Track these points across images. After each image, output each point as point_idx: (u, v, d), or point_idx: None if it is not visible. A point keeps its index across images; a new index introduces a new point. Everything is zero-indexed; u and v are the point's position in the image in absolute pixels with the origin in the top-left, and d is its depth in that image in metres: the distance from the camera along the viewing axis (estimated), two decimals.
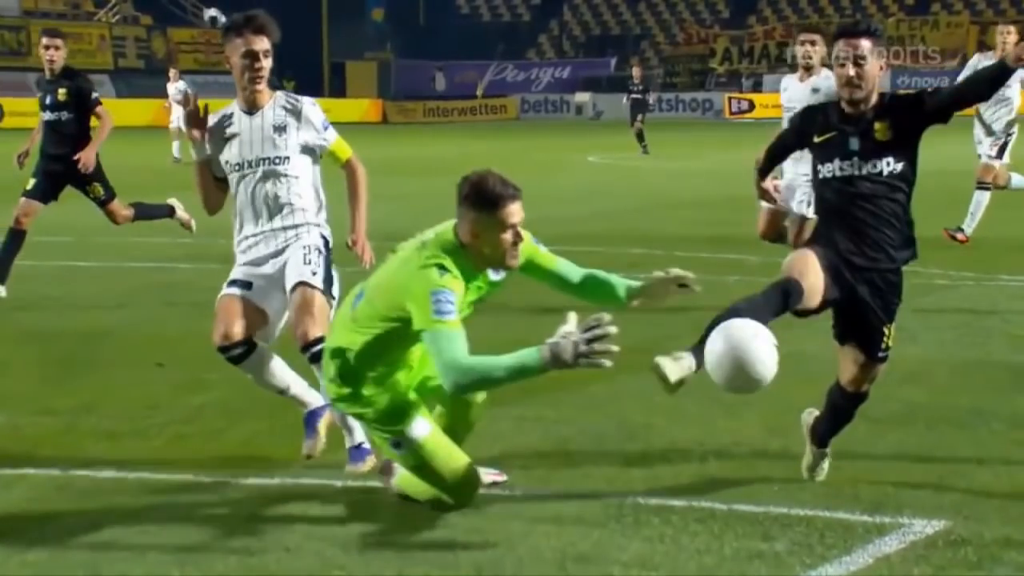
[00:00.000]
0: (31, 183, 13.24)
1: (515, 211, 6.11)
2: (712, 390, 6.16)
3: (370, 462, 7.21)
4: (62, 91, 13.06)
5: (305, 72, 73.67)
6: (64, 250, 16.46)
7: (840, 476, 6.85)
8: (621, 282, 6.61)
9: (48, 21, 70.59)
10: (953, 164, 23.14)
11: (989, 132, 16.66)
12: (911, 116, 6.55)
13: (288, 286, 7.31)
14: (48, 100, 13.16)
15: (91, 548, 6.04)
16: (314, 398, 7.47)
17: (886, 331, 6.62)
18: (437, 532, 6.22)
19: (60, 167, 13.17)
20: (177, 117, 32.35)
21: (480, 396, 6.58)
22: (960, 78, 17.22)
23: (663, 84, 76.65)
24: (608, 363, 5.72)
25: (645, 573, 5.66)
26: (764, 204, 12.66)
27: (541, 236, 6.49)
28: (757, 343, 5.86)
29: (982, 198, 16.59)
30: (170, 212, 13.99)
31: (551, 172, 31.61)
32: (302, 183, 7.45)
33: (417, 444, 6.26)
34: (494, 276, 6.30)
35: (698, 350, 6.00)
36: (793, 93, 12.49)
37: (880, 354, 6.67)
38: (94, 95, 13.28)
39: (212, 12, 70.90)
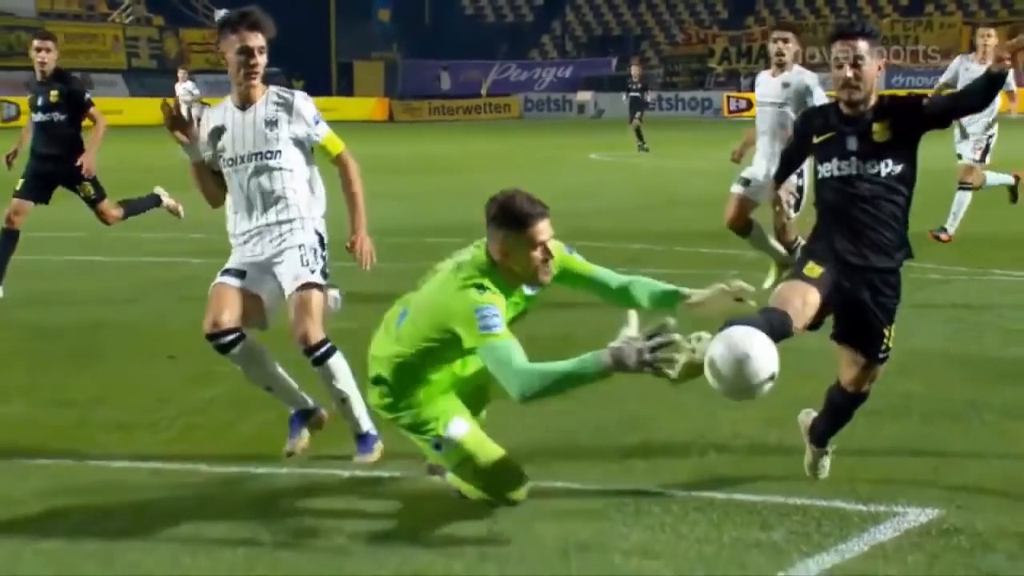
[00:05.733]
0: (20, 183, 13.07)
1: (543, 229, 5.98)
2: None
3: (378, 451, 7.20)
4: (54, 93, 12.90)
5: (313, 72, 73.70)
6: (77, 245, 16.46)
7: (836, 466, 6.83)
8: (667, 288, 6.33)
9: (63, 22, 70.71)
10: (935, 163, 23.11)
11: (964, 135, 16.53)
12: (910, 119, 6.41)
13: (287, 288, 7.22)
14: (40, 101, 12.99)
15: (104, 538, 6.03)
16: (301, 399, 7.41)
17: (886, 332, 6.51)
18: (442, 521, 6.21)
19: (51, 167, 13.02)
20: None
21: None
22: (942, 80, 17.29)
23: (663, 83, 76.56)
24: (672, 373, 5.54)
25: (646, 561, 5.65)
26: (734, 191, 12.66)
27: None
28: (756, 339, 5.78)
29: (964, 198, 16.56)
30: (157, 202, 13.91)
31: (554, 169, 31.61)
32: (295, 177, 7.30)
33: (455, 444, 6.19)
34: (529, 291, 6.21)
35: None
36: (765, 88, 12.58)
37: (880, 355, 6.56)
38: (87, 96, 13.18)
39: (223, 13, 70.98)
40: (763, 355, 5.66)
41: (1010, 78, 17.12)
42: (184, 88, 36.65)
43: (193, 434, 7.83)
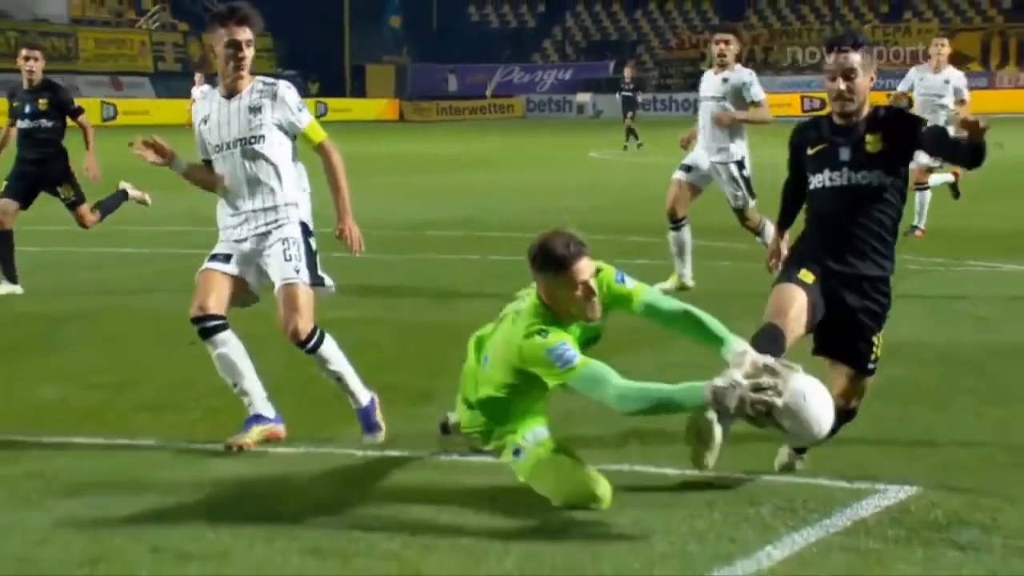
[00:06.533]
0: (3, 185, 12.87)
1: (582, 268, 5.84)
2: (706, 369, 6.09)
3: (381, 420, 7.19)
4: (43, 101, 12.76)
5: (328, 74, 73.76)
6: (102, 239, 16.43)
7: (821, 446, 6.80)
8: (716, 333, 5.95)
9: (94, 28, 70.84)
10: None
11: None
12: (905, 136, 6.19)
13: (275, 286, 7.12)
14: (28, 109, 12.80)
15: (132, 511, 6.02)
16: (264, 405, 7.19)
17: (875, 340, 6.32)
18: (446, 497, 6.20)
19: (35, 170, 12.83)
20: None
21: None
22: (899, 88, 17.24)
23: (658, 85, 76.55)
24: (766, 418, 5.52)
25: (641, 535, 5.64)
26: (676, 177, 12.74)
27: (545, 228, 6.28)
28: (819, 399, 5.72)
29: (925, 197, 16.64)
30: (125, 196, 13.61)
31: (554, 167, 31.60)
32: (279, 163, 7.16)
33: (531, 451, 6.09)
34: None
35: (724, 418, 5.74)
36: (708, 84, 13.05)
37: (869, 366, 6.38)
38: (75, 104, 13.09)
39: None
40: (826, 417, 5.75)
41: (962, 85, 17.19)
42: (201, 91, 36.45)
43: (215, 415, 7.82)
